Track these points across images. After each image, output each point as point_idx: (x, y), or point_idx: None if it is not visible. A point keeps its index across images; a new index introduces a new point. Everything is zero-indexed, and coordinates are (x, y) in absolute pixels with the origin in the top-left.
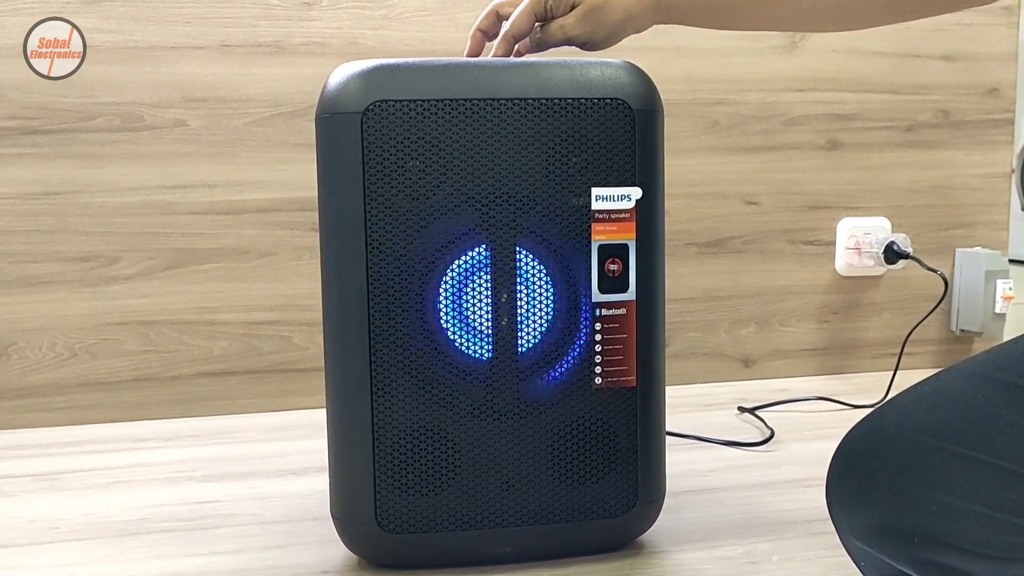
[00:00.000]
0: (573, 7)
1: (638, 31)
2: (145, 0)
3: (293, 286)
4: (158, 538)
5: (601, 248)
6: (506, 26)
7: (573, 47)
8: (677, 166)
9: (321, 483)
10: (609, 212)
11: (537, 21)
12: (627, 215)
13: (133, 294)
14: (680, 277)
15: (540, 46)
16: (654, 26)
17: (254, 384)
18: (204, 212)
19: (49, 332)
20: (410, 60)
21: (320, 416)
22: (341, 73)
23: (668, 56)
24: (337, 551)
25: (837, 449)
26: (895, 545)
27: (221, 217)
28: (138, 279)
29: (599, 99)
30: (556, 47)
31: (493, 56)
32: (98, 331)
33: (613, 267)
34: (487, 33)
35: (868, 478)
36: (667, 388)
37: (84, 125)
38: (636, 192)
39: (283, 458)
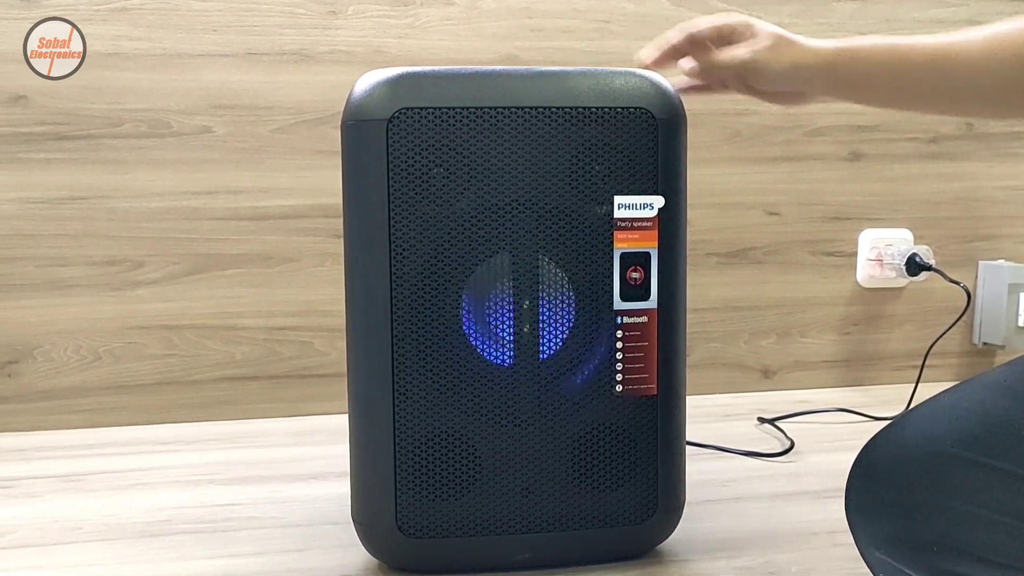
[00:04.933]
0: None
1: (805, 90)
2: (174, 8)
3: (315, 292)
4: (179, 539)
5: (623, 256)
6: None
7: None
8: (699, 176)
9: (340, 487)
10: (631, 220)
11: (713, 43)
12: (649, 223)
13: (157, 298)
14: (701, 287)
15: (712, 66)
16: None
17: (275, 389)
18: (228, 218)
19: (74, 335)
20: (435, 68)
21: (340, 421)
22: (367, 81)
23: None
24: (357, 555)
25: (856, 459)
26: (915, 555)
27: (245, 223)
28: (163, 283)
29: (623, 108)
30: (728, 70)
31: (663, 36)
32: (122, 335)
33: (635, 275)
34: (678, 48)
35: (888, 488)
36: (687, 398)
37: (112, 131)
38: (658, 201)
39: (303, 463)
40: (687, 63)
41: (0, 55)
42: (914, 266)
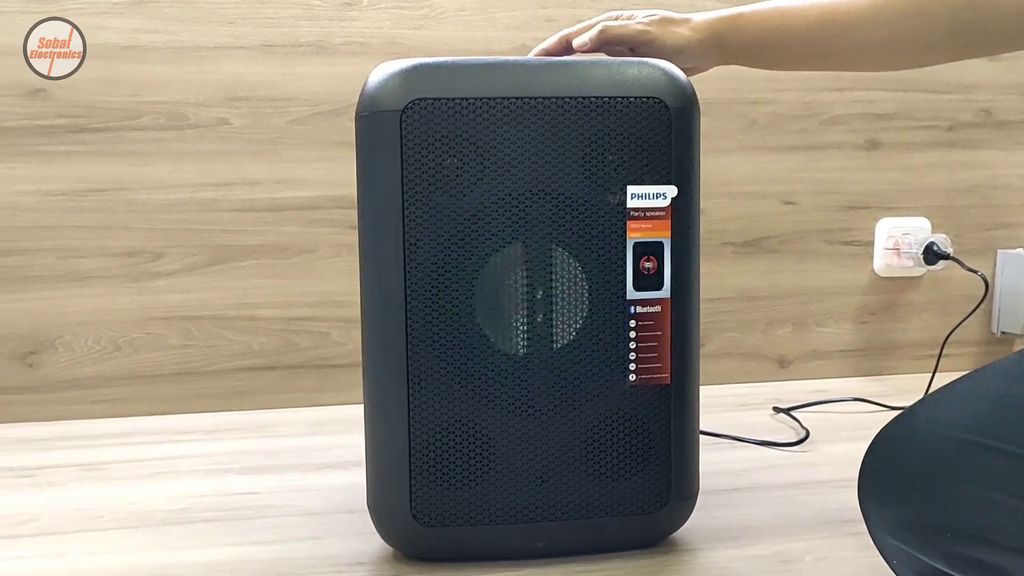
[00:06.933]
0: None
1: (694, 66)
2: (190, 1)
3: (331, 283)
4: (199, 527)
5: (636, 246)
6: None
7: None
8: (714, 165)
9: (356, 476)
10: (644, 210)
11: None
12: (662, 213)
13: (176, 289)
14: (716, 277)
15: (607, 41)
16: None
17: (292, 379)
18: (245, 209)
19: (95, 326)
20: (449, 59)
21: (356, 411)
22: (381, 72)
23: None
24: (373, 543)
25: (869, 447)
26: (929, 541)
27: (262, 214)
28: (181, 275)
29: (636, 98)
30: (622, 44)
31: (542, 47)
32: (142, 325)
33: (648, 265)
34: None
35: (900, 474)
36: (702, 388)
37: (130, 123)
38: (671, 190)
39: (320, 452)
40: (581, 43)
41: (19, 49)
42: (932, 255)
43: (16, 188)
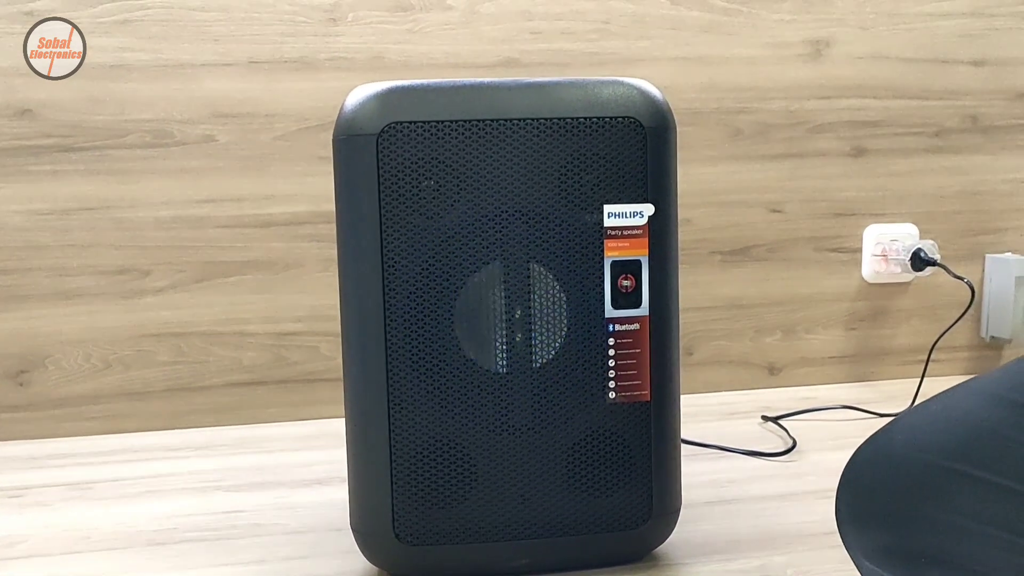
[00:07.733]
0: None
1: None
2: (176, 19)
3: (320, 297)
4: (186, 548)
5: (614, 264)
6: None
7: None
8: (700, 175)
9: (345, 493)
10: (622, 229)
11: None
12: (639, 231)
13: (165, 306)
14: (704, 285)
15: None
16: (675, 35)
17: (282, 394)
18: (233, 225)
19: (84, 344)
20: (425, 82)
21: None
22: (357, 95)
23: (690, 65)
24: (358, 562)
25: (845, 469)
26: (904, 566)
27: (249, 230)
28: (170, 291)
29: (611, 118)
30: None
31: None
32: (131, 342)
33: (626, 283)
34: None
35: (876, 498)
36: (691, 396)
37: (117, 142)
38: (648, 209)
39: (309, 467)
40: None
41: (4, 70)
42: (919, 261)
43: (4, 208)
